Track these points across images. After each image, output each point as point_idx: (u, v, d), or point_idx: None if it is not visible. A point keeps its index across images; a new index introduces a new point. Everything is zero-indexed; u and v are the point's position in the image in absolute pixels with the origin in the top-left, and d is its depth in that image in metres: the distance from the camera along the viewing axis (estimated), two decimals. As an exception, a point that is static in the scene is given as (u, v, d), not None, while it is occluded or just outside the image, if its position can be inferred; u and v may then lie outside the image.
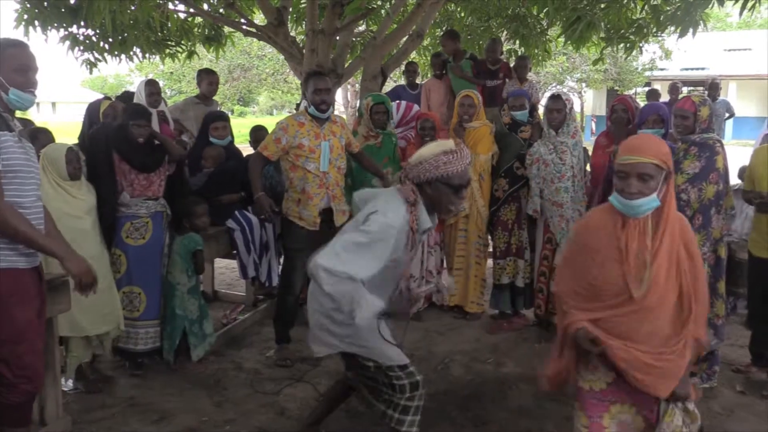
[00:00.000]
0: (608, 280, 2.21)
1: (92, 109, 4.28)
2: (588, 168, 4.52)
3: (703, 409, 3.50)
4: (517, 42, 7.86)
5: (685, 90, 15.49)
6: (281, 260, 4.61)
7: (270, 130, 5.35)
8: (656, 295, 2.16)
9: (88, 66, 6.46)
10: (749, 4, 5.12)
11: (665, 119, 3.89)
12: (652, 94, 9.90)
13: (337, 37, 6.55)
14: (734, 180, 4.88)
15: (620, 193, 2.19)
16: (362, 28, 8.10)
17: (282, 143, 3.88)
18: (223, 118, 4.75)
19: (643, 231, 2.20)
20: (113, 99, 4.61)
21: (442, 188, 2.49)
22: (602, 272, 2.22)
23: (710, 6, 5.64)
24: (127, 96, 5.04)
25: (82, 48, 6.18)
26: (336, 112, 4.44)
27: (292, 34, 7.19)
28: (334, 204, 3.99)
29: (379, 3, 7.33)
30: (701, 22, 5.75)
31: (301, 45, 6.64)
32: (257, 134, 5.22)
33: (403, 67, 7.45)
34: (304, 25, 7.12)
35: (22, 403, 2.59)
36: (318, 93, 3.89)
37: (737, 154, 7.33)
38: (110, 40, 6.20)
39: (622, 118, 4.19)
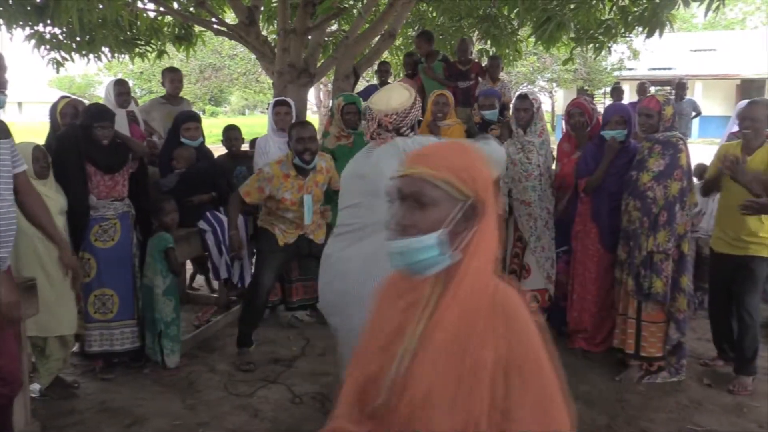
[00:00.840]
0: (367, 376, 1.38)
1: (51, 109, 4.19)
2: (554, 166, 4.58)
3: (672, 402, 3.58)
4: (489, 42, 7.92)
5: (652, 90, 15.75)
6: (253, 261, 4.59)
7: (242, 131, 5.34)
8: (419, 419, 1.24)
9: (55, 65, 6.34)
10: (714, 6, 5.23)
11: (628, 120, 3.96)
12: (616, 92, 10.07)
13: (309, 37, 6.53)
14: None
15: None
16: (334, 27, 8.08)
17: (265, 192, 3.88)
18: (195, 118, 4.71)
19: (414, 300, 1.32)
20: (72, 97, 4.50)
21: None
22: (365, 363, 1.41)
23: (676, 7, 5.75)
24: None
25: (48, 47, 6.07)
26: (308, 113, 4.42)
27: (264, 33, 7.15)
28: (308, 233, 4.05)
29: (351, 2, 7.32)
30: (668, 23, 5.85)
31: (272, 44, 6.60)
32: (230, 133, 5.18)
33: (375, 67, 7.47)
34: (275, 25, 7.09)
35: (1, 408, 2.53)
36: (301, 142, 3.80)
37: (703, 153, 7.49)
38: (77, 39, 6.09)
39: (580, 122, 4.26)
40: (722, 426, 3.34)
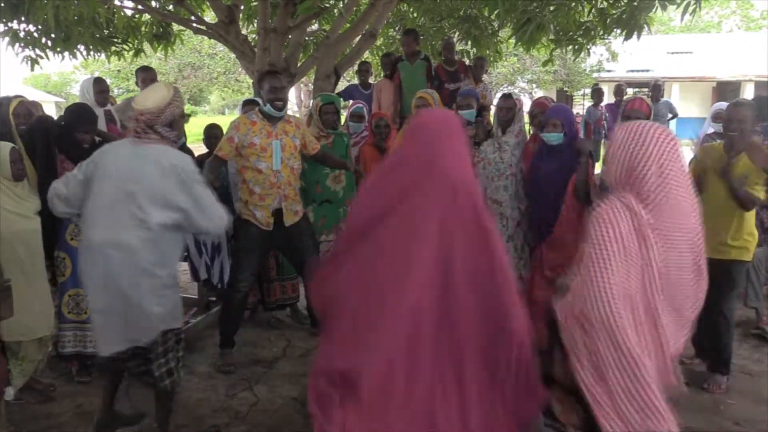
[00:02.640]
0: None
1: (3, 108, 4.07)
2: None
3: (650, 401, 3.62)
4: (469, 43, 7.95)
5: (630, 91, 15.91)
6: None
7: (224, 129, 5.29)
8: None
9: (30, 63, 6.24)
10: (690, 9, 5.30)
11: (564, 123, 3.90)
12: (597, 93, 10.13)
13: (290, 36, 6.50)
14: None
15: None
16: (315, 27, 8.06)
17: (235, 141, 3.87)
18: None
19: None
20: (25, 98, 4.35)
21: (180, 122, 2.83)
22: None
23: (654, 10, 5.82)
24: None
25: (23, 44, 5.97)
26: (290, 112, 4.41)
27: (244, 32, 7.10)
28: (286, 204, 3.96)
29: (332, 2, 7.31)
30: (645, 25, 5.92)
31: (253, 44, 6.56)
32: (211, 132, 5.12)
33: (356, 67, 7.46)
34: (255, 24, 7.05)
35: None
36: (273, 91, 3.90)
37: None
38: (53, 36, 6.00)
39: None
40: (699, 424, 3.39)
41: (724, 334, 3.74)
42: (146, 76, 5.50)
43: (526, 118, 4.72)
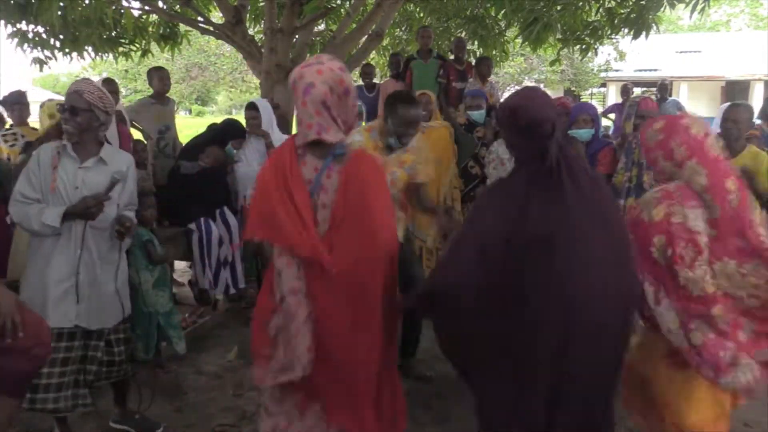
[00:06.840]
0: None
1: None
2: None
3: (658, 401, 3.60)
4: (476, 42, 7.95)
5: (638, 91, 15.83)
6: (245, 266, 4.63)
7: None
8: None
9: (38, 64, 6.27)
10: (699, 7, 5.28)
11: (594, 118, 4.07)
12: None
13: (297, 36, 6.52)
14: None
15: None
16: (322, 27, 8.07)
17: None
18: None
19: None
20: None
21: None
22: None
23: (662, 9, 5.81)
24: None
25: (31, 45, 6.00)
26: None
27: (251, 32, 7.12)
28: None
29: (339, 2, 7.32)
30: (654, 24, 5.90)
31: (259, 44, 6.57)
32: None
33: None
34: (262, 24, 7.06)
35: (31, 372, 2.46)
36: (406, 125, 3.15)
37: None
38: (61, 37, 6.03)
39: (564, 122, 4.30)
40: (708, 425, 3.36)
41: None
42: (161, 74, 5.51)
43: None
